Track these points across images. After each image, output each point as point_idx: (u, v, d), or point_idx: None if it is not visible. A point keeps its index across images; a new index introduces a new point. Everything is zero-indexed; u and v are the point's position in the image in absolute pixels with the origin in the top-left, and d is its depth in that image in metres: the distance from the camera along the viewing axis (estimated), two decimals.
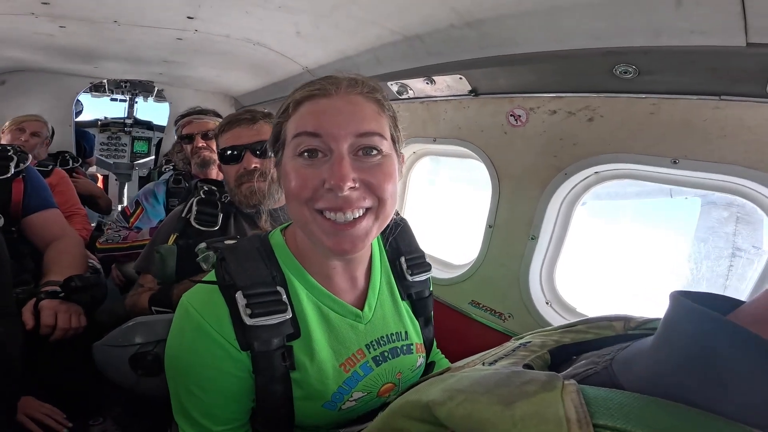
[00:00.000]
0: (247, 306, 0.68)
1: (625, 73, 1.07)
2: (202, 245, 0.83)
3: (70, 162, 2.97)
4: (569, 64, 1.21)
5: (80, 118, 4.29)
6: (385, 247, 0.89)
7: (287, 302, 0.72)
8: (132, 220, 2.01)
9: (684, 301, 0.36)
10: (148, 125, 4.69)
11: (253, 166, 1.30)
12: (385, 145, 0.71)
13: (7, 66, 3.23)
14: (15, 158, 1.50)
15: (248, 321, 0.68)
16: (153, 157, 4.41)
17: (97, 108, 4.84)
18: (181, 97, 4.06)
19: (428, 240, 1.11)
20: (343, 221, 0.67)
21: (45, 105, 3.48)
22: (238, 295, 0.69)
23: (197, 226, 1.29)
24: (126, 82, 3.95)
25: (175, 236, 1.26)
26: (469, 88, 1.50)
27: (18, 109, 3.27)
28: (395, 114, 0.77)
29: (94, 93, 4.40)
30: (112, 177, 4.40)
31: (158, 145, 4.34)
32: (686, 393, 0.33)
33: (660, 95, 1.08)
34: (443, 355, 1.08)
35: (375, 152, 0.69)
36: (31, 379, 1.23)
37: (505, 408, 0.33)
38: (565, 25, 1.14)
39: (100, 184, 4.08)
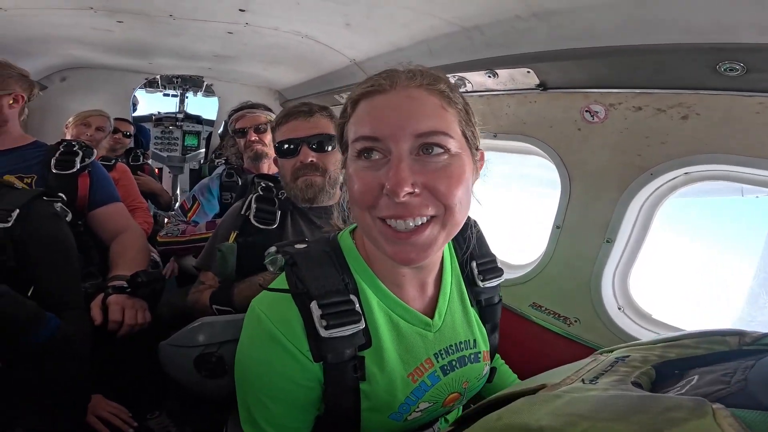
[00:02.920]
0: (322, 317, 0.65)
1: (731, 70, 0.95)
2: (272, 249, 0.81)
3: (141, 158, 3.11)
4: (661, 59, 1.09)
5: (136, 113, 4.48)
6: (455, 251, 0.84)
7: (360, 311, 0.69)
8: (190, 214, 2.06)
9: None
10: (198, 119, 4.83)
11: (310, 159, 1.27)
12: (453, 144, 0.63)
13: (68, 63, 3.41)
14: (80, 153, 1.53)
15: (323, 333, 0.65)
16: (203, 150, 4.55)
17: (151, 103, 5.07)
18: (229, 91, 4.15)
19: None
20: (403, 229, 0.62)
21: (103, 100, 3.65)
22: (313, 306, 0.66)
23: (256, 224, 1.27)
24: (177, 77, 4.08)
25: (235, 234, 1.25)
26: (537, 82, 1.38)
27: (78, 104, 3.46)
28: (467, 107, 0.69)
29: (148, 89, 4.60)
30: (166, 170, 4.58)
31: (208, 138, 4.47)
32: None
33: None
34: (503, 360, 1.05)
35: (440, 152, 0.62)
36: (98, 376, 1.24)
37: None
38: (656, 18, 1.03)
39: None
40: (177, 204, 2.93)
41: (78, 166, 1.51)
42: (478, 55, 1.56)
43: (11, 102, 1.45)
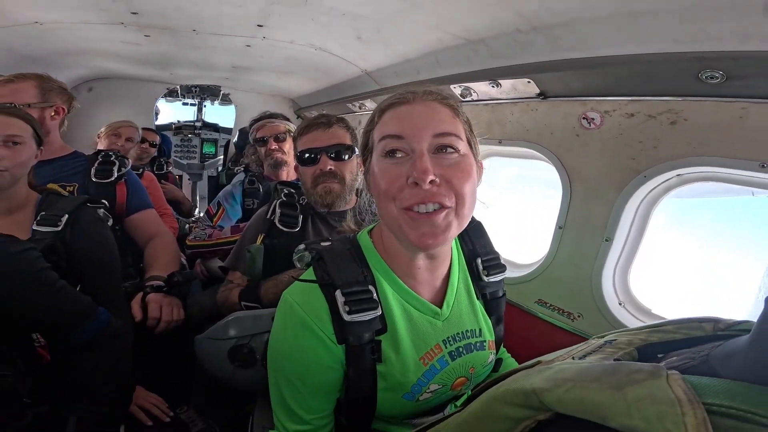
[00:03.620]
0: (345, 303, 0.75)
1: (712, 78, 1.01)
2: (301, 246, 0.91)
3: (165, 167, 3.26)
4: (650, 68, 1.16)
5: (158, 122, 4.62)
6: (462, 248, 0.93)
7: (377, 300, 0.78)
8: (215, 219, 2.18)
9: None
10: (215, 127, 4.97)
11: (329, 167, 1.38)
12: (462, 146, 0.76)
13: (95, 74, 3.59)
14: (117, 163, 1.65)
15: (346, 317, 0.75)
16: (221, 157, 4.70)
17: (171, 112, 5.25)
18: (245, 99, 4.30)
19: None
20: (425, 211, 0.72)
21: (128, 110, 3.82)
22: (338, 293, 0.76)
23: (281, 227, 1.38)
24: (196, 86, 4.24)
25: (262, 236, 1.36)
26: (538, 91, 1.46)
27: (104, 114, 3.63)
28: (470, 121, 0.82)
29: (168, 98, 4.78)
30: (186, 177, 4.74)
31: (225, 146, 4.61)
32: None
33: (750, 99, 1.02)
34: (509, 354, 1.12)
35: (452, 151, 0.74)
36: (137, 369, 1.33)
37: (617, 392, 0.37)
38: (645, 29, 1.10)
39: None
40: (198, 210, 3.04)
41: (115, 175, 1.63)
42: (483, 65, 1.65)
43: (53, 114, 1.57)
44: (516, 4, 1.30)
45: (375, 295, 0.78)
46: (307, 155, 1.41)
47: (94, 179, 1.60)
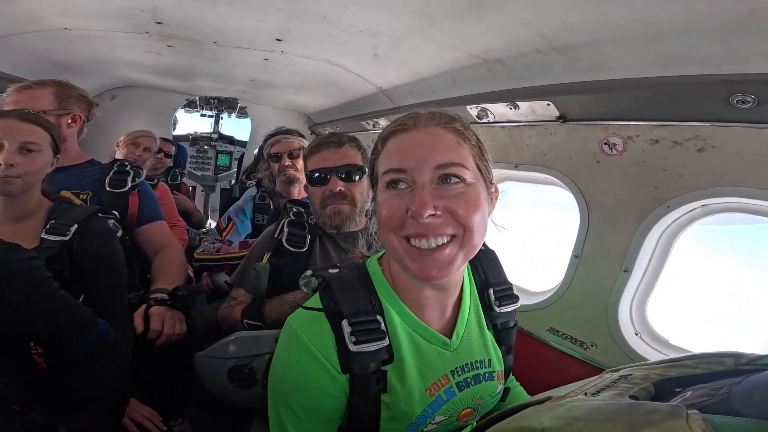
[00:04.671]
0: (351, 333, 0.74)
1: (743, 102, 0.97)
2: (308, 273, 0.89)
3: (178, 177, 3.29)
4: (676, 91, 1.12)
5: (175, 132, 4.71)
6: (474, 277, 0.91)
7: (385, 330, 0.77)
8: (225, 234, 2.17)
9: None
10: (231, 140, 5.03)
11: (339, 189, 1.35)
12: (468, 175, 0.73)
13: (119, 82, 3.70)
14: (131, 173, 1.65)
15: (352, 348, 0.73)
16: (234, 170, 4.73)
17: (189, 123, 5.35)
18: (261, 113, 4.36)
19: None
20: (426, 247, 0.70)
21: (148, 119, 3.91)
22: (344, 323, 0.74)
23: (288, 247, 1.35)
24: (214, 98, 4.32)
25: (268, 255, 1.34)
26: (557, 114, 1.42)
27: (125, 122, 3.71)
28: (480, 143, 0.78)
29: (187, 109, 4.89)
30: (199, 188, 4.77)
31: (240, 159, 4.64)
32: None
33: None
34: (518, 382, 1.10)
35: (457, 180, 0.72)
36: (134, 381, 1.31)
37: None
38: (671, 50, 1.07)
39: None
40: (209, 222, 3.03)
41: (129, 185, 1.62)
42: (500, 86, 1.63)
43: (69, 121, 1.57)
44: (536, 24, 1.28)
45: (383, 324, 0.77)
46: (316, 175, 1.39)
47: (107, 188, 1.60)
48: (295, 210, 1.46)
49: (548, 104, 1.42)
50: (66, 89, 1.58)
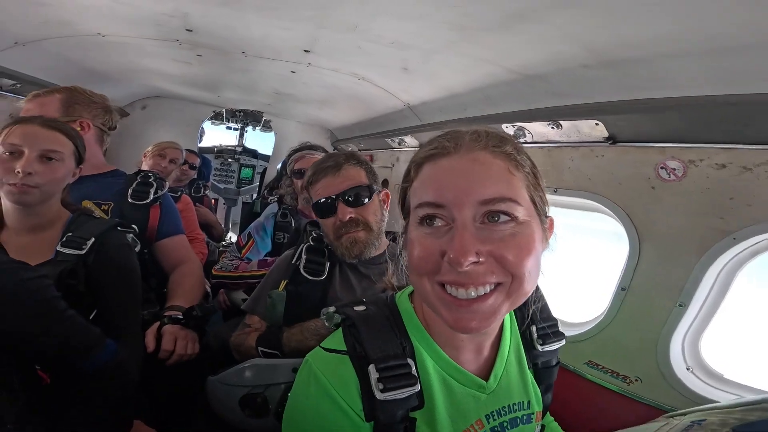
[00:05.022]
0: (379, 380, 0.66)
1: None
2: (331, 309, 0.80)
3: (202, 190, 3.28)
4: (746, 111, 0.99)
5: (201, 144, 4.76)
6: (515, 313, 0.83)
7: (416, 374, 0.69)
8: (244, 251, 2.11)
9: None
10: (254, 153, 5.05)
11: (348, 217, 1.25)
12: (521, 211, 0.61)
13: (149, 92, 3.76)
14: (154, 185, 1.61)
15: (379, 395, 0.66)
16: (257, 184, 4.72)
17: (215, 135, 5.41)
18: (285, 127, 4.37)
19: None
20: (464, 297, 0.60)
21: (177, 130, 3.95)
22: (371, 369, 0.67)
23: (305, 275, 1.27)
24: (240, 111, 4.35)
25: (285, 282, 1.27)
26: (606, 134, 1.29)
27: (155, 132, 3.76)
28: (535, 169, 0.66)
29: (213, 121, 4.95)
30: (221, 201, 4.77)
31: (262, 174, 4.64)
32: None
33: None
34: (552, 417, 1.03)
35: (506, 219, 0.60)
36: (141, 399, 1.27)
37: None
38: (740, 67, 0.95)
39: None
40: (229, 236, 2.98)
41: (151, 197, 1.57)
42: (540, 104, 1.51)
43: (78, 129, 1.48)
44: (583, 37, 1.18)
45: (414, 369, 0.68)
46: (322, 206, 1.29)
47: (129, 200, 1.55)
48: (315, 234, 1.37)
49: (596, 124, 1.30)
50: (75, 95, 1.53)
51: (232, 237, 4.20)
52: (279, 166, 3.66)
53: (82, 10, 1.70)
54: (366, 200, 1.27)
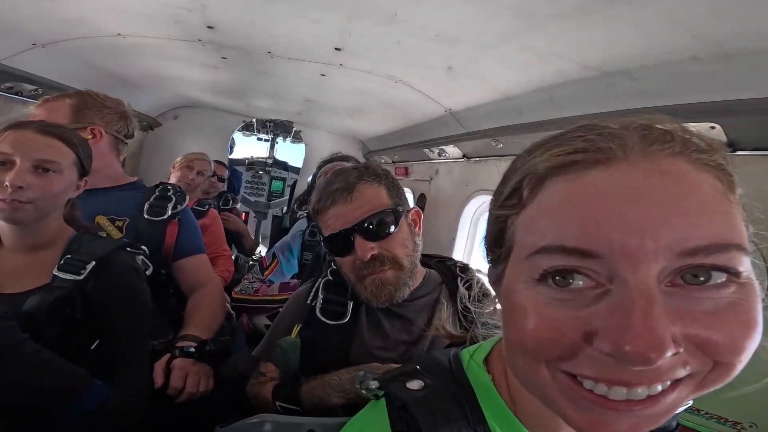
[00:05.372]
0: None
1: None
2: (373, 384, 0.54)
3: (230, 202, 3.15)
4: None
5: (232, 156, 4.67)
6: None
7: None
8: (267, 272, 1.95)
9: None
10: (285, 166, 4.94)
11: (370, 254, 0.96)
12: (745, 264, 0.33)
13: (180, 101, 3.71)
14: (174, 199, 1.44)
15: None
16: (287, 197, 4.58)
17: (245, 146, 5.35)
18: (315, 138, 4.22)
19: None
20: (621, 398, 0.33)
21: (208, 141, 3.88)
22: None
23: (322, 318, 1.01)
24: (270, 121, 4.24)
25: (298, 328, 1.01)
26: (725, 140, 0.98)
27: (188, 143, 3.69)
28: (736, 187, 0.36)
29: (244, 132, 4.88)
30: (252, 214, 4.65)
31: (292, 186, 4.50)
32: None
33: None
34: None
35: (723, 280, 0.33)
36: None
37: None
38: None
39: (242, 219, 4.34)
40: (259, 249, 2.80)
41: (169, 213, 1.40)
42: (621, 105, 1.21)
43: (89, 137, 1.32)
44: (696, 24, 0.90)
45: None
46: (336, 242, 1.00)
47: (145, 216, 1.38)
48: (334, 266, 1.09)
49: (712, 127, 0.98)
50: (86, 100, 1.37)
51: (262, 251, 4.06)
52: (309, 179, 3.50)
53: (98, 4, 1.57)
54: (392, 229, 0.98)
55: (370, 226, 0.96)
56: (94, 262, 0.99)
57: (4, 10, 1.51)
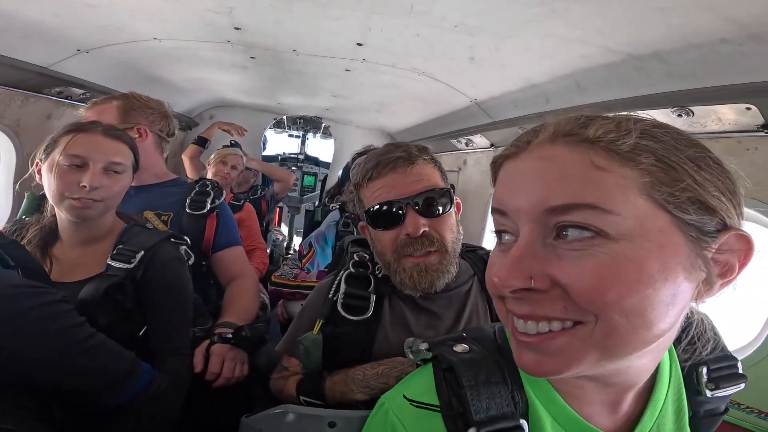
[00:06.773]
0: None
1: None
2: (423, 346, 0.59)
3: (259, 191, 3.28)
4: None
5: (265, 152, 4.82)
6: (679, 354, 0.62)
7: None
8: (304, 260, 2.03)
9: None
10: (316, 161, 5.04)
11: (422, 230, 0.91)
12: (614, 223, 0.41)
13: (215, 101, 3.86)
14: (212, 194, 1.52)
15: None
16: (318, 192, 4.69)
17: (277, 143, 5.49)
18: (344, 133, 4.27)
19: None
20: (523, 330, 0.46)
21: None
22: None
23: (343, 314, 0.97)
24: (300, 118, 4.34)
25: (320, 323, 0.99)
26: (762, 121, 0.91)
27: (219, 142, 3.84)
28: (674, 157, 0.42)
29: (276, 129, 5.01)
30: (285, 209, 4.81)
31: (323, 181, 4.60)
32: None
33: None
34: None
35: (586, 236, 0.42)
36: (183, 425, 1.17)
37: None
38: None
39: (275, 214, 4.50)
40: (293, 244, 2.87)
41: (208, 207, 1.49)
42: (653, 89, 1.15)
43: (136, 136, 1.43)
44: (725, 5, 0.86)
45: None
46: (384, 212, 0.93)
47: (187, 210, 1.48)
48: (357, 257, 1.06)
49: (747, 108, 0.92)
50: (131, 102, 1.48)
51: (296, 245, 4.17)
52: (340, 172, 3.57)
53: (132, 10, 1.67)
54: (446, 209, 0.94)
55: (426, 202, 0.92)
56: (143, 252, 1.07)
57: (48, 18, 1.62)
